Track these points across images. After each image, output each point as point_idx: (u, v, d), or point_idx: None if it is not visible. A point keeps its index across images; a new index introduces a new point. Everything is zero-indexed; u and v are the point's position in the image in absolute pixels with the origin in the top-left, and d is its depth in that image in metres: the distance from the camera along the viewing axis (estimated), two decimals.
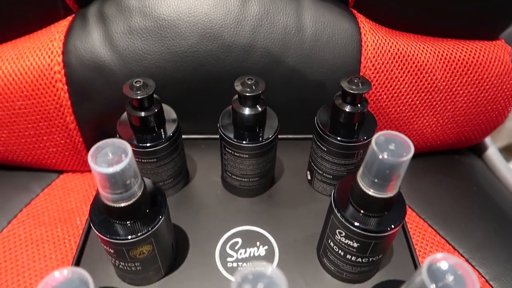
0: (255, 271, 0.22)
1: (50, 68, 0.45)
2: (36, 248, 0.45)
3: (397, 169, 0.29)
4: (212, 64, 0.46)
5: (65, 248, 0.44)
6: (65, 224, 0.47)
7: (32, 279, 0.42)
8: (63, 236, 0.46)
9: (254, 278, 0.22)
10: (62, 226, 0.47)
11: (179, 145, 0.41)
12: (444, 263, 0.23)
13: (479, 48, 0.49)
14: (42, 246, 0.45)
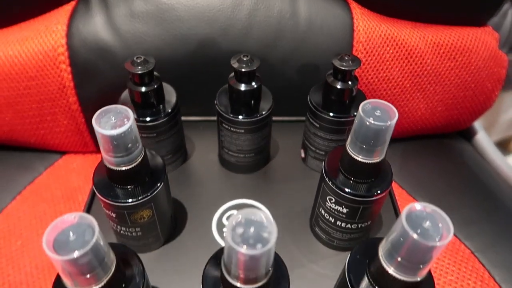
0: (248, 214, 0.24)
1: (54, 50, 0.47)
2: (40, 223, 0.47)
3: (383, 133, 0.31)
4: (210, 46, 0.48)
5: None
6: (67, 202, 0.49)
7: (36, 252, 0.44)
8: (65, 212, 0.48)
9: (246, 222, 0.24)
10: (65, 203, 0.49)
11: (178, 122, 0.43)
12: (421, 211, 0.25)
13: (467, 34, 0.51)
14: (45, 221, 0.47)
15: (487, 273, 0.42)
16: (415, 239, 0.23)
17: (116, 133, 0.29)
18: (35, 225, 0.46)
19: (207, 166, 0.48)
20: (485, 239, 0.45)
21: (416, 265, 0.25)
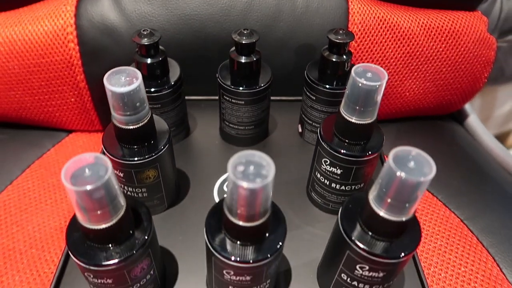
0: (248, 156, 0.26)
1: (63, 29, 0.49)
2: (48, 193, 0.49)
3: (374, 94, 0.33)
4: (212, 26, 0.51)
5: None
6: None
7: (45, 219, 0.46)
8: None
9: (246, 162, 0.26)
10: None
11: (181, 95, 0.45)
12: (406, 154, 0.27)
13: (457, 18, 0.54)
14: (53, 192, 0.49)
15: (475, 238, 0.45)
16: (402, 177, 0.25)
17: (125, 91, 0.31)
18: (43, 195, 0.48)
19: (208, 140, 0.50)
20: (473, 208, 0.47)
21: (403, 204, 0.27)
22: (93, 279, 0.30)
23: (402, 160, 0.26)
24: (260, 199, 0.26)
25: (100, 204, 0.26)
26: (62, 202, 0.48)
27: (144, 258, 0.30)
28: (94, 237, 0.28)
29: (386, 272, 0.30)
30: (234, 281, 0.30)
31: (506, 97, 1.16)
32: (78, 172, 0.25)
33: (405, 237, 0.30)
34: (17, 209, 0.47)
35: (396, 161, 0.26)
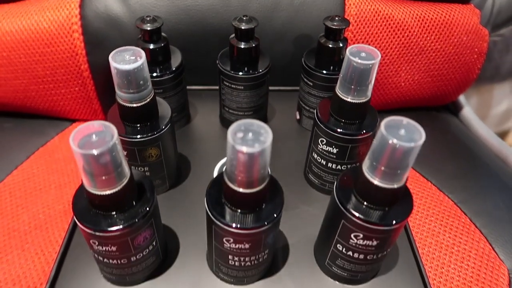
0: (246, 123, 0.27)
1: (68, 19, 0.51)
2: (52, 178, 0.50)
3: (368, 72, 0.35)
4: (212, 17, 0.52)
5: (78, 179, 0.49)
6: None
7: (49, 202, 0.47)
8: (76, 170, 0.51)
9: (245, 129, 0.27)
10: (75, 163, 0.52)
11: (182, 81, 0.47)
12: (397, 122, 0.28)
13: (451, 10, 0.55)
14: (57, 177, 0.50)
15: (468, 220, 0.46)
16: (393, 143, 0.27)
17: (130, 68, 0.33)
18: (47, 180, 0.49)
19: (208, 127, 0.52)
20: (467, 192, 0.49)
21: (395, 171, 0.28)
22: (98, 247, 0.31)
23: (393, 128, 0.28)
24: (259, 164, 0.27)
25: (106, 169, 0.27)
26: (66, 186, 0.49)
27: (147, 228, 0.32)
28: (99, 204, 0.29)
29: (379, 240, 0.31)
30: (234, 250, 0.32)
31: (502, 96, 1.17)
32: (85, 138, 0.26)
33: (397, 206, 0.31)
34: (22, 193, 0.48)
35: (387, 129, 0.27)
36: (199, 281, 0.36)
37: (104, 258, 0.32)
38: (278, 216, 0.31)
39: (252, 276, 0.35)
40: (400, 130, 0.27)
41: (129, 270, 0.34)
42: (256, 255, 0.33)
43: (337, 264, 0.35)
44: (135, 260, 0.33)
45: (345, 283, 0.36)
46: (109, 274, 0.34)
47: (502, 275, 0.41)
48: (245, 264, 0.33)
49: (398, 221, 0.30)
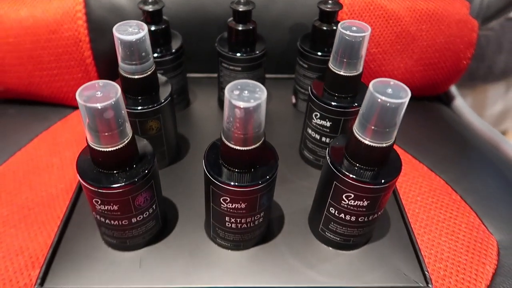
0: (242, 83, 0.29)
1: (73, 7, 0.53)
2: (55, 159, 0.51)
3: (359, 45, 0.36)
4: (211, 5, 0.54)
5: None
6: (80, 144, 0.54)
7: (52, 181, 0.48)
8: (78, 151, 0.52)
9: (241, 87, 0.29)
10: (77, 145, 0.53)
11: (182, 64, 0.49)
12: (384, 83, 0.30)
13: (441, 1, 0.57)
14: (60, 158, 0.51)
15: (459, 197, 0.47)
16: (382, 101, 0.28)
17: (133, 39, 0.35)
18: (50, 161, 0.51)
19: (207, 110, 0.53)
20: (457, 172, 0.50)
21: (384, 130, 0.30)
22: (101, 206, 0.32)
23: (381, 88, 0.29)
24: (254, 120, 0.29)
25: (109, 125, 0.29)
26: (67, 168, 0.50)
27: (147, 189, 0.33)
28: (102, 161, 0.31)
29: (369, 200, 0.33)
30: (230, 210, 0.33)
31: (497, 97, 1.19)
32: (91, 94, 0.28)
33: (387, 168, 0.32)
34: (25, 172, 0.49)
35: (376, 88, 0.29)
36: (197, 247, 0.37)
37: (106, 219, 0.33)
38: (273, 176, 0.32)
39: (248, 240, 0.36)
40: (388, 89, 0.29)
41: (130, 232, 0.35)
42: (252, 217, 0.34)
43: (330, 228, 0.36)
44: (135, 221, 0.34)
45: (338, 249, 0.37)
46: (110, 237, 0.36)
47: (491, 246, 0.42)
48: (241, 226, 0.34)
49: (388, 180, 0.32)
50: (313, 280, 0.35)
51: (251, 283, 0.35)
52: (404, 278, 0.35)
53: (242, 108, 0.28)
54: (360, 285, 0.35)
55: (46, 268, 0.35)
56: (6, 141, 0.53)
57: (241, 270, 0.36)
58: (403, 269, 0.36)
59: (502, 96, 1.21)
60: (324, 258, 0.37)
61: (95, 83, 0.29)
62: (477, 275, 0.40)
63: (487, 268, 0.40)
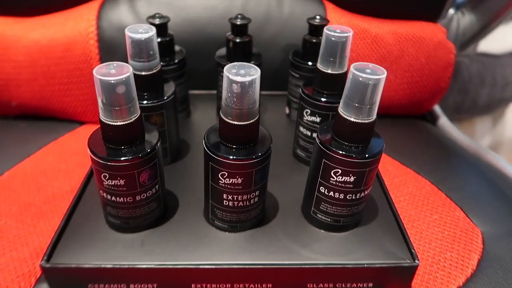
0: (239, 64, 0.33)
1: (86, 28, 0.59)
2: (62, 164, 0.54)
3: (344, 44, 0.41)
4: (212, 27, 0.60)
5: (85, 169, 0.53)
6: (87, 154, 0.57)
7: (59, 183, 0.51)
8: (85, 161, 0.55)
9: (238, 67, 0.33)
10: (84, 154, 0.56)
11: (184, 74, 0.53)
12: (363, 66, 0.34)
13: (421, 26, 0.64)
14: (67, 163, 0.54)
15: (444, 194, 0.50)
16: (363, 78, 0.32)
17: (142, 37, 0.39)
18: (57, 166, 0.54)
19: (207, 120, 0.57)
20: (442, 174, 0.53)
21: (366, 106, 0.33)
22: (108, 181, 0.35)
23: (361, 69, 0.33)
24: (249, 95, 0.32)
25: (120, 100, 0.32)
26: (73, 173, 0.53)
27: (152, 167, 0.36)
28: (112, 137, 0.34)
29: (356, 176, 0.35)
30: (228, 186, 0.36)
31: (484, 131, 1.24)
32: (105, 71, 0.32)
33: (371, 145, 0.36)
34: (33, 175, 0.52)
35: (357, 69, 0.33)
36: (196, 230, 0.39)
37: (112, 196, 0.36)
38: (267, 152, 0.35)
39: (244, 221, 0.38)
40: (367, 70, 0.33)
41: (133, 212, 0.37)
42: (248, 194, 0.36)
43: (321, 209, 0.39)
44: (139, 199, 0.37)
45: (330, 231, 0.39)
46: (115, 217, 0.38)
47: (476, 236, 0.44)
48: (238, 205, 0.37)
49: (371, 155, 0.35)
50: (306, 258, 0.37)
51: (248, 260, 0.36)
52: (392, 255, 0.37)
53: (239, 83, 0.32)
54: (350, 262, 0.36)
55: (53, 247, 0.37)
56: (16, 150, 0.56)
57: (238, 249, 0.38)
58: (390, 249, 0.38)
59: (489, 130, 1.26)
60: (316, 239, 0.39)
61: (111, 64, 0.33)
62: (463, 261, 0.42)
63: (473, 255, 0.42)
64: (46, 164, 0.54)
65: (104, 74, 0.32)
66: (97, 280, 0.37)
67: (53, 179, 0.52)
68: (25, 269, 0.41)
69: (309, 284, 0.38)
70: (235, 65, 0.33)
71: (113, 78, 0.31)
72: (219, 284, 0.37)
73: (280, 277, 0.37)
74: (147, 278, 0.37)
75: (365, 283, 0.38)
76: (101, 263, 0.36)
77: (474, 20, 0.69)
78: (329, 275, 0.37)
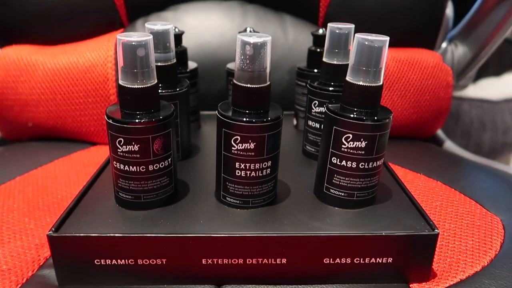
0: (251, 33, 0.35)
1: (106, 53, 0.63)
2: (72, 172, 0.55)
3: (347, 37, 0.44)
4: (222, 51, 0.64)
5: None
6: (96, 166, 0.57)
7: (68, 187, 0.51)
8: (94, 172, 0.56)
9: (250, 33, 0.35)
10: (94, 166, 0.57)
11: (196, 84, 0.56)
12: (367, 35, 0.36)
13: (419, 52, 0.68)
14: (77, 171, 0.55)
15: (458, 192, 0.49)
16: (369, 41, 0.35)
17: (160, 29, 0.42)
18: (67, 175, 0.54)
19: None
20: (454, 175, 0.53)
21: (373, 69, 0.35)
22: (123, 147, 0.36)
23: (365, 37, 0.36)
24: (261, 56, 0.34)
25: (139, 62, 0.34)
26: (84, 180, 0.53)
27: (165, 135, 0.37)
28: (129, 101, 0.35)
29: (367, 141, 0.36)
30: (240, 153, 0.36)
31: None
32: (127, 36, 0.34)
33: (379, 111, 0.37)
34: (44, 180, 0.53)
35: (361, 36, 0.35)
36: (208, 209, 0.39)
37: (125, 165, 0.36)
38: (279, 118, 0.36)
39: (256, 196, 0.38)
40: (370, 37, 0.35)
41: (146, 184, 0.37)
42: (260, 163, 0.37)
43: (334, 183, 0.38)
44: (152, 170, 0.37)
45: (344, 207, 0.39)
46: (126, 192, 0.38)
47: (496, 222, 0.43)
48: (250, 175, 0.37)
49: (381, 117, 0.36)
50: (321, 229, 0.36)
51: (260, 231, 0.35)
52: (410, 227, 0.36)
53: (251, 43, 0.34)
54: (366, 232, 0.35)
55: (61, 221, 0.36)
56: (28, 160, 0.57)
57: (250, 223, 0.37)
58: (407, 222, 0.37)
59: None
60: (330, 214, 0.38)
61: (133, 33, 0.35)
62: (486, 245, 0.40)
63: (495, 239, 0.41)
64: (56, 173, 0.55)
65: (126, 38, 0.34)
66: (103, 254, 0.35)
67: (62, 184, 0.52)
68: (28, 257, 0.40)
69: (326, 259, 0.36)
70: (248, 33, 0.35)
71: (134, 40, 0.34)
72: (231, 259, 0.36)
73: (295, 251, 0.36)
74: (156, 251, 0.35)
75: (384, 258, 0.36)
76: (109, 233, 0.35)
77: (466, 50, 0.73)
78: (346, 248, 0.36)
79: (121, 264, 0.36)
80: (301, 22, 0.69)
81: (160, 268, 0.36)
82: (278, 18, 0.68)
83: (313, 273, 0.36)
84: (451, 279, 0.36)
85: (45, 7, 0.64)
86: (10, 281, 0.36)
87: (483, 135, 1.14)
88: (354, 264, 0.36)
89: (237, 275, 0.37)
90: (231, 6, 0.67)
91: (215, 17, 0.66)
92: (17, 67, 0.62)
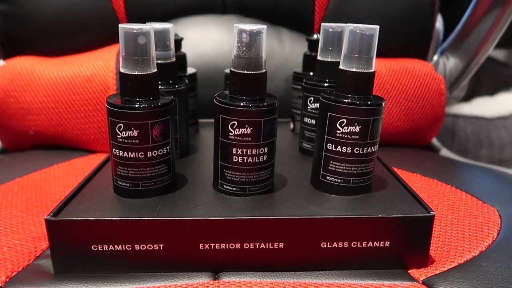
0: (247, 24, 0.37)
1: (108, 62, 0.65)
2: (72, 175, 0.55)
3: (341, 35, 0.46)
4: (220, 61, 0.66)
5: None
6: None
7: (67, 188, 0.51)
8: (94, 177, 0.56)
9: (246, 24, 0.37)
10: None
11: (195, 88, 0.57)
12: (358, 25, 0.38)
13: (412, 61, 0.70)
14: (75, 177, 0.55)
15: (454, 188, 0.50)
16: (360, 30, 0.36)
17: (160, 28, 0.44)
18: (67, 178, 0.55)
19: None
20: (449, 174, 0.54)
21: (365, 56, 0.37)
22: (122, 133, 0.36)
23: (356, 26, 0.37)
24: (257, 43, 0.36)
25: (139, 50, 0.36)
26: None
27: (164, 122, 0.37)
28: (130, 88, 0.36)
29: (361, 125, 0.37)
30: (237, 139, 0.37)
31: None
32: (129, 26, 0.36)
33: (373, 97, 0.38)
34: (43, 181, 0.53)
35: (353, 25, 0.37)
36: (205, 197, 0.39)
37: (124, 151, 0.37)
38: (275, 104, 0.37)
39: (253, 183, 0.38)
40: (361, 27, 0.37)
41: (144, 171, 0.38)
42: (257, 148, 0.37)
43: (330, 169, 0.39)
44: (151, 157, 0.37)
45: (340, 194, 0.39)
46: (124, 179, 0.38)
47: (492, 212, 0.43)
48: (247, 160, 0.38)
49: (374, 102, 0.37)
50: (318, 213, 0.36)
51: (257, 215, 0.36)
52: (406, 211, 0.36)
53: (247, 31, 0.35)
54: (362, 214, 0.36)
55: (60, 208, 0.36)
56: (29, 163, 0.58)
57: (247, 208, 0.37)
58: (403, 206, 0.37)
59: None
60: (327, 200, 0.38)
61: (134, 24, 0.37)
62: (483, 232, 0.40)
63: (492, 226, 0.41)
64: (55, 176, 0.55)
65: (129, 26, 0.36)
66: (100, 239, 0.35)
67: (61, 186, 0.52)
68: (25, 248, 0.40)
69: (323, 243, 0.36)
70: (244, 24, 0.37)
71: (136, 27, 0.35)
72: (228, 244, 0.36)
73: (292, 234, 0.36)
74: (153, 236, 0.35)
75: (382, 242, 0.36)
76: (106, 217, 0.35)
77: (458, 61, 0.75)
78: (343, 231, 0.36)
79: (118, 250, 0.36)
80: (296, 34, 0.71)
81: (157, 254, 0.36)
82: (274, 31, 0.70)
83: (311, 259, 0.36)
84: (449, 264, 0.36)
85: (49, 20, 0.67)
86: (6, 268, 0.36)
87: (479, 152, 1.15)
88: (351, 248, 0.36)
89: (235, 262, 0.37)
90: (229, 19, 0.70)
91: (213, 29, 0.68)
92: (21, 78, 0.64)
